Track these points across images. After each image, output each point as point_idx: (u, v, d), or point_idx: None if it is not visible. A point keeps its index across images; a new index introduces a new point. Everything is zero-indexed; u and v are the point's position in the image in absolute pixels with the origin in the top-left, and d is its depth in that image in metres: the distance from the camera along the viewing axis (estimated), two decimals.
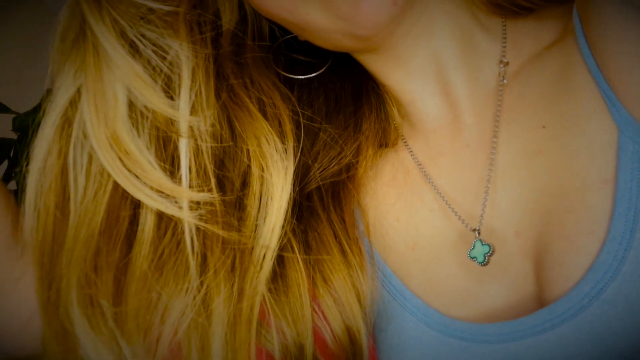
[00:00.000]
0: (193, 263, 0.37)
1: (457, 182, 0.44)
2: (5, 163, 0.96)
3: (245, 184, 0.40)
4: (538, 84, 0.41)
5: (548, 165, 0.39)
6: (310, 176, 0.45)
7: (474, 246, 0.40)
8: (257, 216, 0.39)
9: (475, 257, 0.40)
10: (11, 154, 0.97)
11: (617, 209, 0.35)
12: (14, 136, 0.97)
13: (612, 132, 0.36)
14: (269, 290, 0.39)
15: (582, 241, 0.36)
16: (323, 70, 0.48)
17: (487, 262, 0.40)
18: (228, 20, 0.42)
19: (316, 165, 0.46)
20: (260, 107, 0.42)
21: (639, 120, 0.35)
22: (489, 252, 0.40)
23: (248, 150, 0.40)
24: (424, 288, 0.43)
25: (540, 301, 0.38)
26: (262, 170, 0.40)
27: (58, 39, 0.38)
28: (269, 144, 0.40)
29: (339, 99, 0.49)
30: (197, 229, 0.37)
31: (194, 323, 0.37)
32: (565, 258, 0.36)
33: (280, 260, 0.40)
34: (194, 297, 0.37)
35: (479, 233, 0.41)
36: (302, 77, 0.48)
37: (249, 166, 0.40)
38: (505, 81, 0.43)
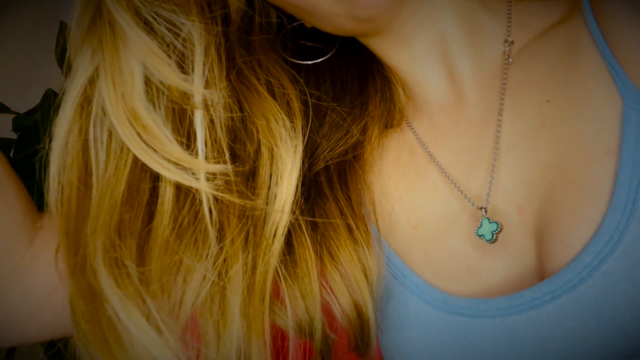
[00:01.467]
0: (212, 230, 0.38)
1: (461, 161, 0.43)
2: None
3: (256, 162, 0.41)
4: (544, 60, 0.41)
5: (552, 138, 0.39)
6: (318, 156, 0.46)
7: (481, 224, 0.40)
8: (268, 193, 0.40)
9: (483, 235, 0.40)
10: (11, 154, 0.96)
11: (620, 179, 0.34)
12: (14, 136, 0.97)
13: (617, 105, 0.36)
14: (280, 264, 0.40)
15: (584, 212, 0.35)
16: (330, 55, 0.49)
17: (495, 240, 0.39)
18: (236, 6, 0.42)
19: (324, 144, 0.46)
20: (268, 88, 0.42)
21: None
22: (496, 229, 0.39)
23: (258, 130, 0.41)
24: (426, 266, 0.42)
25: (541, 275, 0.37)
26: (272, 148, 0.40)
27: (75, 22, 0.38)
28: (277, 123, 0.40)
29: (345, 82, 0.49)
30: (215, 199, 0.38)
31: (214, 288, 0.38)
32: (566, 230, 0.36)
33: (288, 237, 0.41)
34: (214, 263, 0.38)
35: (485, 211, 0.40)
36: (310, 62, 0.48)
37: (259, 145, 0.41)
38: (510, 60, 0.43)
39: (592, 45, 0.39)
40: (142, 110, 0.36)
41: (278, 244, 0.39)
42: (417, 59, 0.44)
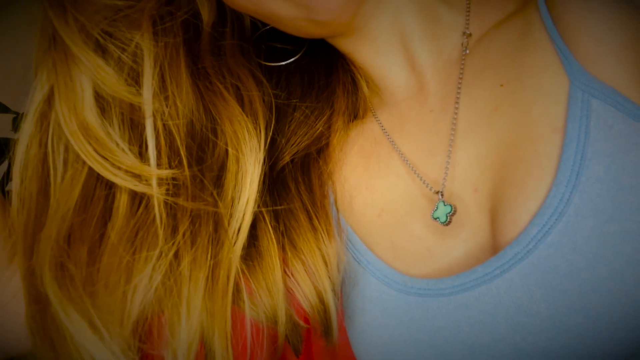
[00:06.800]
0: (161, 232, 0.40)
1: (421, 147, 0.45)
2: (6, 163, 0.99)
3: (221, 161, 0.43)
4: (499, 48, 0.43)
5: (505, 120, 0.41)
6: (285, 150, 0.48)
7: (437, 207, 0.42)
8: (234, 191, 0.42)
9: (438, 218, 0.41)
10: (12, 154, 0.99)
11: (565, 155, 0.36)
12: (14, 136, 0.99)
13: (564, 84, 0.38)
14: (245, 258, 0.42)
15: (532, 187, 0.37)
16: (299, 56, 0.52)
17: (450, 222, 0.41)
18: (207, 18, 0.45)
19: (292, 140, 0.49)
20: (235, 92, 0.45)
21: (590, 70, 0.37)
22: (451, 211, 0.41)
23: (223, 132, 0.43)
24: (389, 251, 0.44)
25: (495, 251, 0.39)
26: (235, 149, 0.43)
27: (36, 45, 0.42)
28: (240, 124, 0.43)
29: (313, 79, 0.52)
30: (169, 203, 0.41)
31: (167, 285, 0.40)
32: (516, 205, 0.38)
33: (253, 230, 0.43)
34: (161, 262, 0.40)
35: (442, 195, 0.42)
36: (280, 64, 0.51)
37: (225, 146, 0.43)
38: (467, 51, 0.45)
39: (543, 30, 0.41)
40: (94, 122, 0.39)
41: (241, 240, 0.41)
42: (380, 54, 0.46)
